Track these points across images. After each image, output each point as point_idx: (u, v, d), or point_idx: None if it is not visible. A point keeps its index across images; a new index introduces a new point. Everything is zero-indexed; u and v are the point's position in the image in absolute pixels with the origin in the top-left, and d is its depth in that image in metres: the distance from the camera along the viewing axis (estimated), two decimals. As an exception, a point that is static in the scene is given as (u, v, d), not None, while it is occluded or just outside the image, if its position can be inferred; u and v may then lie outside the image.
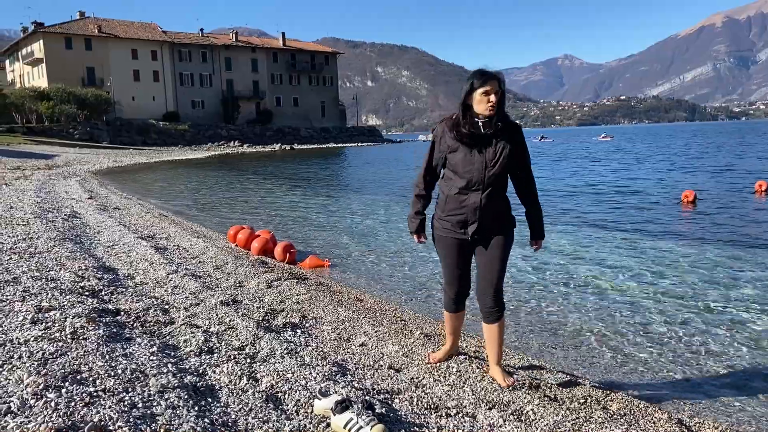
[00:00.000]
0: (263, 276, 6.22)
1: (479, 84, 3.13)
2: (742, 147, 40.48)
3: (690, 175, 21.00)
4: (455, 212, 3.25)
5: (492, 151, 3.16)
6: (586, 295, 6.15)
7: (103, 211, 11.49)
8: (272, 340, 3.90)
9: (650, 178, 20.39)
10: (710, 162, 27.20)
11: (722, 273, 6.89)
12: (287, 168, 33.08)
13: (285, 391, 3.08)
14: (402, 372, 3.61)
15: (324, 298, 5.43)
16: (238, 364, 3.42)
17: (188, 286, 5.41)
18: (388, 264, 7.85)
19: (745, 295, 5.96)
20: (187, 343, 3.76)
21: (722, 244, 8.52)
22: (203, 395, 2.94)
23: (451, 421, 2.92)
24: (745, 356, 4.42)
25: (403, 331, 4.53)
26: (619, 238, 9.31)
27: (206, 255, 7.25)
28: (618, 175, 22.13)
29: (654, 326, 5.13)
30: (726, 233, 9.44)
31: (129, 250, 7.21)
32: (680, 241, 8.96)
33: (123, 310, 4.43)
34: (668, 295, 6.05)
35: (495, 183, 3.17)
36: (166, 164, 39.06)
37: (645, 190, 16.34)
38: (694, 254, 7.93)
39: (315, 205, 15.14)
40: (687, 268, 7.18)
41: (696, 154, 34.99)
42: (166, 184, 23.59)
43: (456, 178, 3.21)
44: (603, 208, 12.94)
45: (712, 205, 12.74)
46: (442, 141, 3.28)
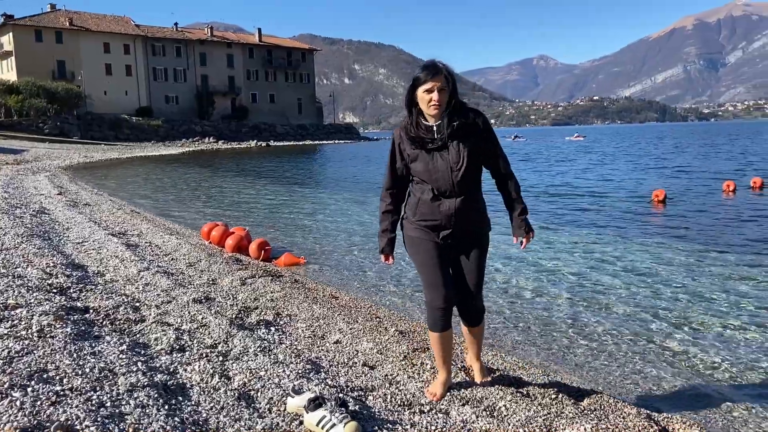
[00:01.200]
0: (237, 273, 6.16)
1: (422, 80, 2.82)
2: (711, 148, 41.34)
3: (659, 174, 21.37)
4: (429, 218, 2.98)
5: (455, 152, 2.86)
6: (559, 292, 6.22)
7: (72, 208, 11.27)
8: (245, 338, 3.86)
9: (615, 178, 20.70)
10: (679, 162, 27.72)
11: (692, 270, 7.02)
12: (263, 165, 32.84)
13: (258, 389, 3.05)
14: (376, 369, 3.61)
15: (299, 296, 5.40)
16: (210, 362, 3.38)
17: (160, 283, 5.33)
18: (364, 261, 7.84)
19: (714, 292, 6.08)
20: (157, 341, 3.70)
21: (692, 242, 8.69)
22: (174, 394, 2.90)
23: (425, 417, 2.92)
24: (712, 353, 4.51)
25: (378, 328, 4.52)
26: (591, 236, 9.44)
27: (179, 252, 7.16)
28: (587, 175, 22.43)
29: (625, 323, 5.20)
30: (695, 231, 9.63)
31: (99, 247, 7.08)
32: (651, 238, 9.11)
33: (92, 308, 4.35)
34: (640, 293, 6.14)
35: (467, 186, 2.91)
36: (139, 160, 38.49)
37: (615, 190, 16.59)
38: (665, 252, 8.07)
39: (291, 203, 15.06)
40: (658, 265, 7.31)
41: (665, 154, 35.64)
42: (138, 180, 23.23)
43: (426, 183, 2.94)
44: (572, 208, 13.09)
45: (682, 204, 12.99)
46: (402, 148, 2.98)
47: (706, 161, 27.69)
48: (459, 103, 2.89)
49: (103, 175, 25.24)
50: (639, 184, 18.07)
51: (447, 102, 2.83)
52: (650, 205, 13.12)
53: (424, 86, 2.80)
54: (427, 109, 2.84)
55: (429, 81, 2.80)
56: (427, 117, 2.88)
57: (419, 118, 2.90)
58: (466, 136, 2.87)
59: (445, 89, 2.80)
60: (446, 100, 2.82)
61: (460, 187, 2.89)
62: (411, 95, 2.88)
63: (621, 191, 16.07)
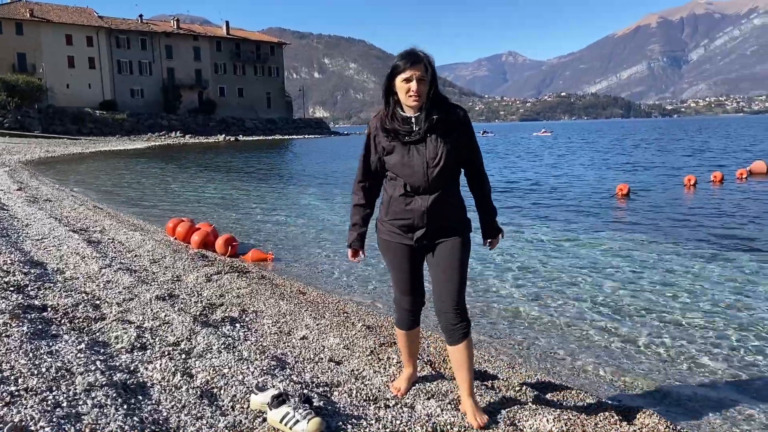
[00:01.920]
0: (203, 270, 6.07)
1: (401, 68, 2.64)
2: (673, 143, 42.31)
3: (623, 169, 21.78)
4: (401, 216, 2.80)
5: (432, 147, 2.69)
6: (524, 286, 6.28)
7: (32, 203, 10.97)
8: (209, 335, 3.81)
9: (579, 173, 21.04)
10: (642, 157, 28.30)
11: (654, 262, 7.16)
12: (231, 160, 32.44)
13: (221, 387, 3.01)
14: (342, 364, 3.59)
15: (265, 292, 5.35)
16: (172, 360, 3.32)
17: (122, 280, 5.22)
18: (332, 257, 7.81)
19: (675, 285, 6.22)
20: (118, 340, 3.62)
21: (655, 235, 8.87)
22: (133, 393, 2.84)
23: (390, 412, 2.92)
24: (673, 344, 4.61)
25: (345, 323, 4.51)
26: (555, 231, 9.56)
27: (143, 248, 7.02)
28: (552, 170, 22.74)
29: (589, 316, 5.29)
30: (658, 224, 9.84)
31: (59, 243, 6.90)
32: (616, 232, 9.28)
33: (50, 306, 4.23)
34: (604, 286, 6.24)
35: (442, 183, 2.73)
36: (103, 155, 37.66)
37: (580, 185, 16.85)
38: (629, 244, 8.23)
39: (259, 198, 14.92)
40: (621, 258, 7.44)
41: (629, 149, 36.33)
42: (102, 175, 22.73)
43: (399, 178, 2.77)
44: (537, 203, 13.26)
45: (645, 198, 13.26)
46: (377, 140, 2.81)
47: (669, 156, 28.32)
48: (440, 95, 2.72)
49: (66, 170, 24.62)
50: (603, 178, 18.38)
51: (426, 93, 2.65)
52: (614, 199, 13.36)
53: (403, 75, 2.63)
54: (405, 100, 2.67)
55: (408, 69, 2.62)
56: (405, 108, 2.71)
57: (396, 108, 2.73)
58: (445, 130, 2.70)
59: (424, 79, 2.63)
60: (426, 91, 2.64)
61: (434, 183, 2.71)
62: (389, 84, 2.70)
63: (585, 186, 16.33)
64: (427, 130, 2.68)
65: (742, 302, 5.57)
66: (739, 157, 26.06)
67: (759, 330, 4.84)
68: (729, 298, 5.69)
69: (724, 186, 15.29)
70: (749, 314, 5.23)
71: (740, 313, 5.26)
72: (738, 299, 5.66)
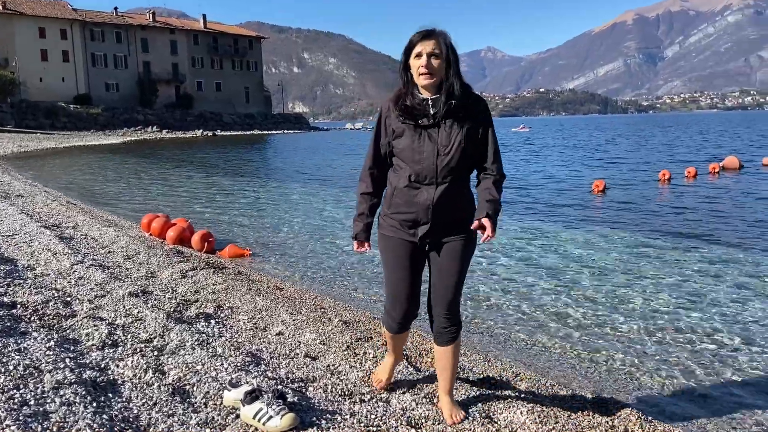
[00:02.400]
0: (178, 266, 6.00)
1: (413, 43, 2.47)
2: (649, 139, 42.90)
3: (599, 165, 22.03)
4: (404, 210, 2.59)
5: (446, 134, 2.49)
6: (500, 280, 6.32)
7: (4, 199, 10.74)
8: (183, 332, 3.76)
9: (556, 168, 21.23)
10: (618, 153, 28.64)
11: (629, 256, 7.26)
12: (209, 155, 32.13)
13: (193, 384, 2.98)
14: (318, 360, 3.57)
15: (241, 288, 5.30)
16: (144, 357, 3.27)
17: (94, 277, 5.13)
18: (311, 252, 7.78)
19: (653, 277, 6.30)
20: (89, 337, 3.56)
21: (630, 229, 8.99)
22: (103, 390, 2.79)
23: (365, 406, 2.91)
24: (648, 335, 4.67)
25: (321, 318, 4.49)
26: (532, 226, 9.64)
27: (117, 245, 6.92)
28: (529, 165, 22.92)
29: (563, 309, 5.33)
30: (634, 218, 9.97)
31: (30, 239, 6.77)
32: (592, 226, 9.38)
33: (20, 303, 4.15)
34: (579, 280, 6.31)
35: (452, 175, 2.52)
36: (78, 150, 37.03)
37: (556, 180, 17.01)
38: (605, 239, 8.32)
39: (237, 193, 14.80)
40: (596, 252, 7.52)
41: (606, 145, 36.75)
42: (76, 170, 22.35)
43: (405, 167, 2.56)
44: (515, 198, 13.35)
45: (621, 194, 13.43)
46: (388, 122, 2.60)
47: (644, 152, 28.71)
48: (462, 81, 2.52)
49: (39, 165, 24.17)
50: (580, 174, 18.56)
51: (442, 72, 2.47)
52: (591, 194, 13.50)
53: (415, 50, 2.45)
54: (417, 79, 2.48)
55: (419, 44, 2.44)
56: (421, 90, 2.52)
57: (414, 89, 2.53)
58: (463, 118, 2.50)
59: (437, 55, 2.43)
60: (440, 68, 2.45)
61: (443, 174, 2.50)
62: (406, 61, 2.52)
63: (562, 182, 16.47)
64: (444, 115, 2.49)
65: (713, 294, 5.66)
66: (713, 152, 26.51)
67: (727, 321, 4.93)
68: (701, 291, 5.78)
69: (698, 181, 15.56)
70: (717, 305, 5.33)
71: (710, 305, 5.35)
72: (710, 291, 5.75)
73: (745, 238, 8.25)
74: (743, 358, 4.21)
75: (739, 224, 9.29)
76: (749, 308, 5.27)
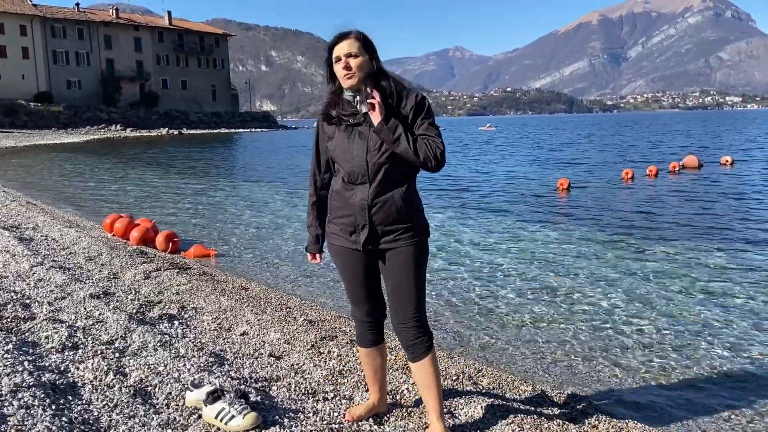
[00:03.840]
0: (141, 267, 5.93)
1: (330, 50, 2.44)
2: (613, 138, 43.78)
3: (563, 163, 22.42)
4: (342, 213, 2.51)
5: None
6: (466, 278, 6.40)
7: (-41, 200, 10.44)
8: (145, 333, 3.73)
9: (521, 168, 21.54)
10: (583, 151, 29.18)
11: (594, 253, 7.42)
12: (174, 154, 31.65)
13: (155, 385, 2.96)
14: (282, 359, 3.59)
15: (206, 288, 5.27)
16: (105, 359, 3.24)
17: (54, 278, 5.05)
18: (277, 252, 7.75)
19: (615, 274, 6.46)
20: (48, 339, 3.51)
21: (594, 226, 9.19)
22: (63, 393, 2.77)
23: (328, 404, 2.94)
24: (601, 332, 4.80)
25: (287, 318, 4.50)
26: (498, 224, 9.77)
27: (78, 246, 6.80)
28: (495, 165, 23.19)
29: (526, 306, 5.44)
30: (598, 216, 10.19)
31: (-12, 241, 6.60)
32: (557, 225, 9.56)
33: (-24, 307, 4.06)
34: (545, 277, 6.43)
35: (386, 174, 2.41)
36: (38, 149, 36.10)
37: (522, 179, 17.26)
38: (569, 236, 8.49)
39: (203, 193, 14.63)
40: (561, 249, 7.67)
41: (570, 144, 37.39)
42: (37, 170, 21.80)
43: (339, 169, 2.52)
44: (480, 198, 13.51)
45: (585, 192, 13.70)
46: (324, 128, 2.57)
47: (608, 150, 29.30)
48: (388, 75, 2.49)
49: (-3, 164, 23.49)
50: (545, 173, 18.86)
51: (367, 70, 2.42)
52: (555, 193, 13.74)
53: (334, 55, 2.42)
54: (342, 82, 2.43)
55: (335, 48, 2.42)
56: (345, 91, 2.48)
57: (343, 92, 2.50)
58: (393, 114, 2.41)
59: (353, 54, 2.39)
60: (360, 67, 2.39)
61: (375, 171, 2.41)
62: (330, 68, 2.48)
63: (527, 181, 16.72)
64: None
65: (672, 290, 5.84)
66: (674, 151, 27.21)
67: (685, 317, 5.10)
68: (662, 287, 5.96)
69: (659, 179, 15.96)
70: (675, 301, 5.50)
71: (667, 301, 5.52)
72: (669, 287, 5.93)
73: (705, 234, 8.51)
74: (703, 353, 4.36)
75: (699, 220, 9.57)
76: (707, 304, 5.45)
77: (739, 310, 5.22)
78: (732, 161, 19.61)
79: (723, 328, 4.82)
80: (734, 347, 4.42)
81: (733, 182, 14.99)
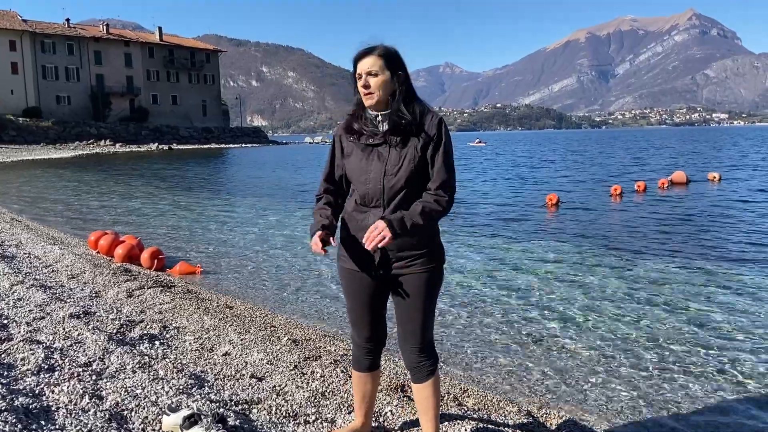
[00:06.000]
0: (124, 285, 5.84)
1: (355, 64, 2.37)
2: (601, 154, 44.09)
3: (553, 179, 22.52)
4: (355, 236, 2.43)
5: (395, 153, 2.33)
6: (452, 294, 6.36)
7: (-59, 216, 10.30)
8: (124, 354, 3.65)
9: (510, 183, 21.61)
10: (572, 166, 29.35)
11: (583, 268, 7.41)
12: (163, 170, 31.51)
13: (132, 409, 2.89)
14: (264, 380, 3.52)
15: (190, 307, 5.19)
16: (81, 382, 3.16)
17: (34, 298, 4.95)
18: (264, 269, 7.68)
19: (604, 290, 6.44)
20: (24, 361, 3.42)
21: (584, 242, 9.19)
22: (35, 418, 2.68)
23: (309, 427, 2.88)
24: (589, 350, 4.77)
25: (270, 337, 4.43)
26: (487, 240, 9.75)
27: (61, 263, 6.70)
28: (483, 181, 23.26)
29: (513, 324, 5.40)
30: (587, 232, 10.20)
31: (-32, 259, 6.50)
32: (545, 240, 9.55)
33: (-49, 328, 3.96)
34: (533, 292, 6.40)
35: (402, 198, 2.32)
36: (26, 164, 35.85)
37: (510, 195, 17.30)
38: (558, 252, 8.48)
39: (190, 209, 14.53)
40: (550, 265, 7.65)
41: (560, 160, 37.60)
42: (23, 185, 21.61)
43: (354, 190, 2.44)
44: (468, 213, 13.51)
45: (574, 208, 13.73)
46: (342, 143, 2.47)
47: (597, 166, 29.49)
48: (414, 96, 2.41)
49: (-17, 180, 23.27)
50: (534, 188, 18.92)
51: (390, 90, 2.34)
52: (544, 208, 13.76)
53: (357, 71, 2.35)
54: (363, 98, 2.36)
55: (358, 64, 2.35)
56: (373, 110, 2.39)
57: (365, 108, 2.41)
58: (414, 136, 2.33)
59: (375, 73, 2.31)
60: (381, 86, 2.32)
61: (390, 196, 2.32)
62: (355, 83, 2.40)
63: (516, 196, 16.75)
64: (391, 132, 2.34)
65: (662, 306, 5.82)
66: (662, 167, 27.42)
67: (677, 332, 5.07)
68: (652, 302, 5.94)
69: (647, 195, 16.04)
70: (666, 317, 5.48)
71: (657, 317, 5.50)
72: (660, 301, 5.92)
73: (694, 249, 8.53)
74: (693, 369, 4.33)
75: (687, 236, 9.61)
76: (699, 318, 5.44)
77: (731, 327, 5.21)
78: (719, 177, 19.78)
79: (717, 349, 4.79)
80: (733, 364, 4.40)
81: (720, 198, 15.09)
